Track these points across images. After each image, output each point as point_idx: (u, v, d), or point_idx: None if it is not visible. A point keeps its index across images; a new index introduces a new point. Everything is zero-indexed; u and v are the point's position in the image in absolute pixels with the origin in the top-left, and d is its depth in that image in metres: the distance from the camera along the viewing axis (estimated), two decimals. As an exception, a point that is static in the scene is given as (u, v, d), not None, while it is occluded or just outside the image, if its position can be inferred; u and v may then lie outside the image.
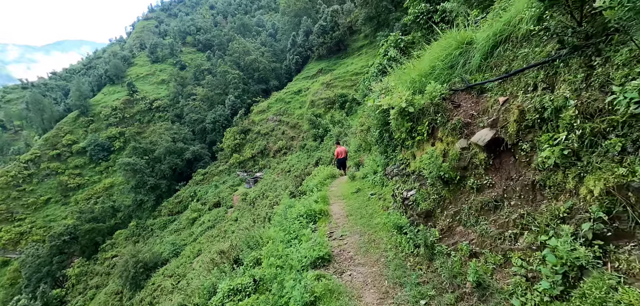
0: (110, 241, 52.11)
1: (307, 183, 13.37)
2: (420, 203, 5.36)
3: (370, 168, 10.38)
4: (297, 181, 16.18)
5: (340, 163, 13.93)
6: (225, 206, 37.51)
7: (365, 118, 13.55)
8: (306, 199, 9.86)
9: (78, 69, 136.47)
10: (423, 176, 5.28)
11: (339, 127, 27.19)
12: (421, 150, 5.49)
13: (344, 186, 11.55)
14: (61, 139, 78.45)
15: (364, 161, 12.46)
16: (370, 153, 12.18)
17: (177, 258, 30.31)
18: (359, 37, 57.54)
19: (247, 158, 48.52)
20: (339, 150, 13.77)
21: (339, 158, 13.71)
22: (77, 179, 71.82)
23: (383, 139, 7.84)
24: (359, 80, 43.98)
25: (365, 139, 13.69)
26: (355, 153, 15.30)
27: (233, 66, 65.58)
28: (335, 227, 7.54)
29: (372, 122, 8.10)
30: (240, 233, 13.41)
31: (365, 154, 13.44)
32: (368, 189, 9.65)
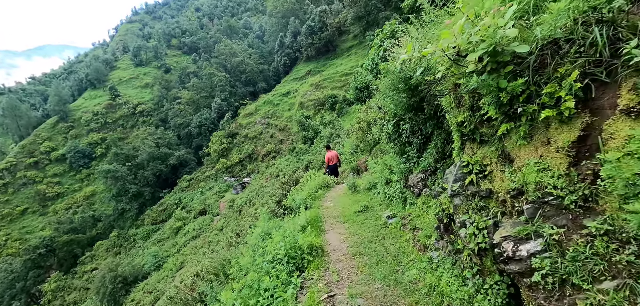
0: (90, 253, 49.44)
1: (293, 196, 10.93)
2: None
3: (380, 175, 7.94)
4: (283, 189, 14.27)
5: (332, 169, 12.21)
6: (211, 213, 35.72)
7: (363, 114, 11.96)
8: (291, 221, 6.90)
9: (59, 74, 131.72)
10: (555, 206, 2.29)
11: (330, 129, 25.73)
12: (540, 143, 2.38)
13: (342, 200, 8.92)
14: (39, 146, 74.97)
15: (368, 164, 10.73)
16: (372, 155, 10.72)
17: (159, 271, 28.38)
18: (348, 38, 56.59)
19: (234, 163, 46.78)
20: (330, 155, 12.03)
21: (330, 164, 12.01)
22: (56, 188, 68.50)
23: (400, 134, 6.00)
24: (349, 80, 42.92)
25: (363, 138, 12.21)
26: (352, 156, 13.70)
27: (219, 68, 63.71)
28: (337, 283, 4.27)
29: (388, 105, 5.58)
30: (216, 256, 11.51)
31: (365, 156, 11.98)
32: (380, 206, 7.13)
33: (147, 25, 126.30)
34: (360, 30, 52.46)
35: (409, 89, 4.78)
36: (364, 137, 11.67)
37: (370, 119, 9.99)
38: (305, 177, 12.43)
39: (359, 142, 12.80)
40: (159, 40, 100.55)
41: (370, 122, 10.82)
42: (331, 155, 11.98)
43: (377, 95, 6.73)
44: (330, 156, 11.96)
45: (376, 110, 8.37)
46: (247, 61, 65.79)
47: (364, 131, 11.71)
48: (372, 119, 10.12)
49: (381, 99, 5.77)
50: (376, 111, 8.66)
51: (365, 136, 11.39)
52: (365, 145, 11.89)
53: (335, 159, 11.92)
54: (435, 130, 5.05)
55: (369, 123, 11.00)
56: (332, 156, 11.95)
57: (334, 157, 11.95)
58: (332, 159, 11.93)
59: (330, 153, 12.04)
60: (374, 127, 9.03)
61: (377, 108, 7.98)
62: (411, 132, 5.76)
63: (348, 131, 19.89)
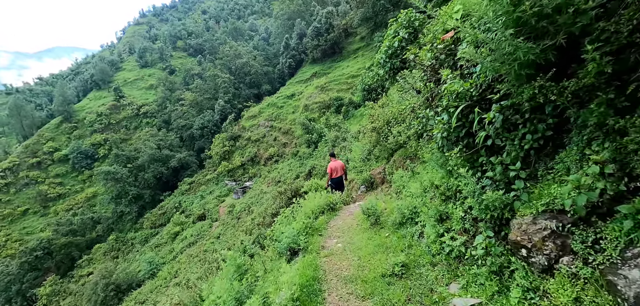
0: (87, 256, 48.27)
1: (281, 225, 7.40)
2: None
3: (421, 201, 4.85)
4: (278, 201, 11.90)
5: (336, 183, 9.88)
6: (211, 219, 34.25)
7: (378, 110, 9.62)
8: (273, 280, 4.59)
9: (66, 75, 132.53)
10: None
11: (335, 132, 23.82)
12: None
13: (356, 237, 5.67)
14: (42, 146, 74.72)
15: (390, 177, 8.32)
16: (392, 164, 8.47)
17: (153, 280, 26.90)
18: (354, 40, 55.15)
19: (236, 166, 45.34)
20: (334, 165, 9.77)
21: (335, 176, 9.78)
22: (58, 189, 67.96)
23: (470, 130, 3.49)
24: (356, 83, 41.37)
25: (379, 141, 9.85)
26: (363, 163, 11.29)
27: (223, 70, 62.60)
28: None
29: (451, 87, 3.43)
30: (186, 294, 9.66)
31: (381, 164, 9.79)
32: (434, 270, 3.99)
33: (153, 27, 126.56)
34: (368, 32, 51.05)
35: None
36: (380, 140, 9.29)
37: (391, 116, 7.88)
38: (306, 187, 10.55)
39: (372, 146, 10.48)
40: (165, 42, 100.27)
41: (389, 120, 8.71)
42: (335, 165, 9.76)
43: (414, 74, 4.99)
44: (335, 166, 9.74)
45: (410, 96, 6.49)
46: (251, 62, 64.61)
47: (380, 132, 9.38)
48: (394, 115, 7.91)
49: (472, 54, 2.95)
50: (408, 100, 6.90)
51: (381, 138, 9.04)
52: (381, 150, 9.68)
53: (341, 171, 9.76)
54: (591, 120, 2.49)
55: (389, 122, 8.76)
56: (336, 167, 9.74)
57: (338, 168, 9.74)
58: (337, 170, 9.72)
59: (335, 163, 9.82)
60: (397, 127, 7.23)
61: (414, 92, 6.17)
62: (510, 125, 3.14)
63: (357, 133, 17.85)
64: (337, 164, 9.80)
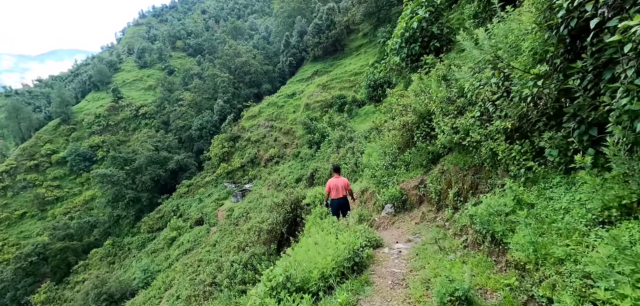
0: (83, 262, 46.93)
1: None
2: None
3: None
4: (274, 215, 9.19)
5: (338, 205, 7.53)
6: (208, 223, 32.79)
7: (412, 99, 6.78)
8: None
9: (65, 76, 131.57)
10: None
11: (340, 131, 21.93)
12: None
13: None
14: (40, 148, 73.67)
15: (460, 204, 5.51)
16: (438, 173, 6.23)
17: (147, 289, 25.46)
18: (357, 36, 53.59)
19: (235, 168, 43.89)
20: (334, 183, 7.52)
21: (335, 196, 7.48)
22: (56, 192, 66.90)
23: None
24: (359, 80, 39.83)
25: (411, 141, 7.17)
26: (387, 172, 8.10)
27: (223, 69, 61.15)
28: None
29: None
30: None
31: (417, 174, 7.00)
32: None
33: (153, 27, 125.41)
34: (371, 28, 49.50)
35: None
36: (414, 139, 6.98)
37: (436, 104, 5.80)
38: (308, 197, 8.77)
39: (399, 148, 7.79)
40: (164, 42, 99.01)
41: (425, 114, 6.50)
42: (337, 183, 7.47)
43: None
44: (335, 184, 7.46)
45: (493, 67, 4.40)
46: (251, 61, 63.11)
47: (412, 129, 6.93)
48: (440, 102, 5.80)
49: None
50: (468, 79, 5.16)
51: (416, 137, 6.79)
52: (415, 154, 7.15)
53: (343, 191, 7.44)
54: None
55: (423, 115, 6.54)
56: (337, 185, 7.45)
57: (340, 186, 7.44)
58: (337, 188, 7.42)
59: (336, 180, 7.51)
60: (448, 119, 5.16)
61: (495, 60, 4.32)
62: None
63: (368, 132, 15.68)
64: (338, 181, 7.54)
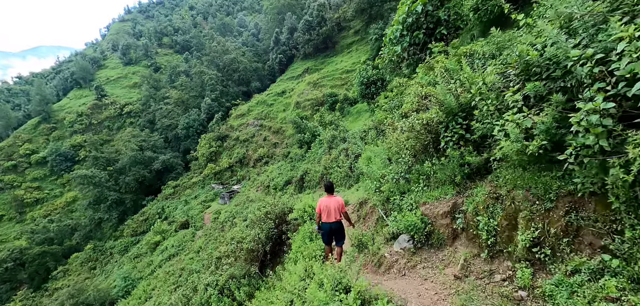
0: (63, 267, 44.75)
1: None
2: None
3: None
4: (256, 230, 7.59)
5: (331, 232, 6.09)
6: (194, 227, 31.36)
7: (443, 87, 4.89)
8: None
9: (47, 73, 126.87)
10: None
11: (332, 131, 20.69)
12: None
13: None
14: (18, 148, 70.65)
15: None
16: (474, 196, 4.56)
17: (127, 299, 23.94)
18: (348, 34, 52.68)
19: (223, 168, 42.45)
20: (326, 204, 6.09)
21: (327, 220, 6.04)
22: (35, 194, 64.21)
23: None
24: (350, 78, 38.87)
25: (430, 147, 5.42)
26: (396, 186, 6.13)
27: (210, 66, 59.38)
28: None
29: None
30: None
31: (448, 194, 5.11)
32: None
33: (139, 23, 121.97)
34: (362, 24, 48.60)
35: None
36: (435, 145, 5.27)
37: (477, 93, 4.20)
38: (296, 210, 7.28)
39: (414, 156, 5.84)
40: (150, 39, 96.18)
41: (457, 109, 4.80)
42: (328, 204, 6.02)
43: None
44: (327, 204, 6.02)
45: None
46: (240, 58, 61.48)
47: (437, 130, 5.14)
48: (489, 89, 4.20)
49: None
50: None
51: (439, 142, 5.04)
52: (441, 167, 5.15)
53: (336, 213, 5.97)
54: None
55: (454, 111, 4.83)
56: (328, 206, 6.00)
57: (332, 208, 5.98)
58: (329, 211, 5.97)
59: (328, 201, 6.06)
60: (509, 114, 3.53)
61: None
62: None
63: (365, 133, 13.70)
64: (331, 202, 6.04)
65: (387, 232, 5.71)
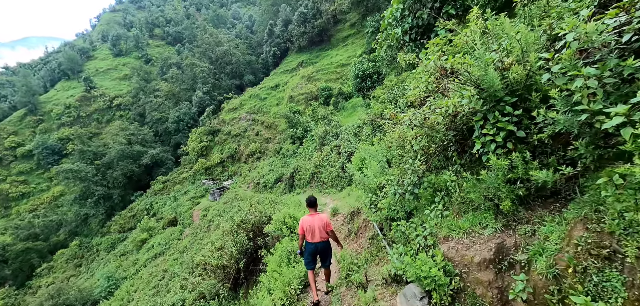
0: (48, 264, 43.39)
1: None
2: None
3: None
4: (228, 242, 6.58)
5: (319, 252, 5.25)
6: (182, 224, 30.24)
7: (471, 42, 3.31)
8: None
9: (35, 64, 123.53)
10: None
11: (324, 125, 19.48)
12: None
13: None
14: (3, 141, 68.56)
15: None
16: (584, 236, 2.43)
17: (109, 300, 22.83)
18: (344, 27, 51.45)
19: (214, 164, 41.25)
20: (309, 223, 5.18)
21: (312, 242, 5.16)
22: (21, 188, 62.46)
23: None
24: (345, 72, 37.80)
25: (454, 146, 3.79)
26: (397, 202, 4.47)
27: (202, 58, 57.78)
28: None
29: None
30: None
31: (491, 230, 3.23)
32: None
33: (130, 13, 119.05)
34: (359, 17, 47.36)
35: None
36: (462, 147, 3.67)
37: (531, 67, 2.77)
38: (274, 221, 6.08)
39: (419, 162, 4.16)
40: (141, 29, 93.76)
41: (500, 90, 3.11)
42: (312, 223, 5.13)
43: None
44: (311, 224, 5.13)
45: None
46: (233, 50, 59.91)
47: (460, 127, 3.59)
48: None
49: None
50: None
51: (471, 143, 3.39)
52: (477, 183, 3.38)
53: (321, 232, 5.09)
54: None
55: (496, 96, 3.15)
56: (312, 225, 5.11)
57: (315, 227, 5.09)
58: (313, 231, 5.10)
59: (312, 219, 5.16)
60: None
61: None
62: None
63: (358, 129, 11.86)
64: (314, 221, 5.12)
65: (388, 272, 4.06)
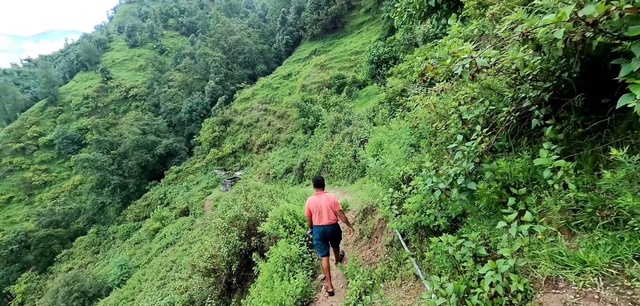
0: (67, 250, 44.59)
1: None
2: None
3: None
4: (218, 243, 5.93)
5: (328, 236, 4.70)
6: (194, 214, 30.16)
7: None
8: None
9: (56, 56, 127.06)
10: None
11: (335, 112, 18.30)
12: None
13: None
14: (26, 131, 70.67)
15: None
16: None
17: (121, 288, 22.94)
18: (359, 13, 49.84)
19: (226, 154, 41.04)
20: (316, 203, 4.71)
21: (320, 224, 4.64)
22: (43, 176, 64.34)
23: None
24: (359, 60, 36.54)
25: None
26: (455, 208, 2.75)
27: (215, 48, 57.46)
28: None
29: None
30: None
31: None
32: None
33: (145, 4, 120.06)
34: (374, 3, 45.75)
35: None
36: None
37: None
38: (270, 219, 5.22)
39: (477, 142, 2.44)
40: (155, 20, 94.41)
41: None
42: (319, 203, 4.69)
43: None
44: (318, 203, 4.69)
45: None
46: (245, 40, 59.29)
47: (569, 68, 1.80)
48: None
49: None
50: None
51: None
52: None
53: (329, 214, 4.62)
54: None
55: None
56: (320, 206, 4.67)
57: (323, 207, 4.64)
58: (320, 211, 4.64)
59: (319, 199, 4.72)
60: None
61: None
62: None
63: (377, 110, 10.52)
64: (322, 200, 4.67)
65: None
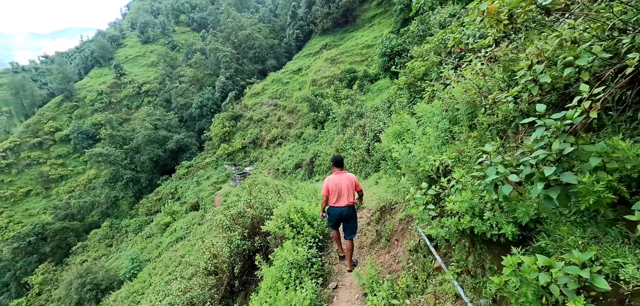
0: (82, 243, 45.50)
1: None
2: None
3: None
4: (218, 242, 5.62)
5: (344, 218, 4.46)
6: (204, 209, 30.17)
7: None
8: None
9: (71, 53, 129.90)
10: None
11: (347, 105, 17.61)
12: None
13: None
14: (43, 126, 72.54)
15: None
16: None
17: (133, 281, 23.08)
18: (370, 6, 48.88)
19: (236, 149, 40.99)
20: (335, 183, 4.51)
21: (338, 205, 4.45)
22: (60, 170, 65.96)
23: None
24: (371, 53, 35.79)
25: None
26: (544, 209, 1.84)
27: (225, 43, 57.43)
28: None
29: None
30: None
31: None
32: None
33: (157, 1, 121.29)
34: (385, -5, 44.80)
35: None
36: None
37: None
38: (275, 217, 4.78)
39: None
40: (167, 16, 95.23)
41: None
42: (339, 182, 4.50)
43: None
44: (337, 183, 4.50)
45: None
46: (255, 34, 59.07)
47: None
48: None
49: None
50: None
51: None
52: None
53: (350, 193, 4.48)
54: None
55: None
56: (340, 185, 4.48)
57: (344, 187, 4.47)
58: (342, 192, 4.46)
59: (339, 178, 4.53)
60: None
61: None
62: None
63: (394, 98, 10.01)
64: (342, 179, 4.49)
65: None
